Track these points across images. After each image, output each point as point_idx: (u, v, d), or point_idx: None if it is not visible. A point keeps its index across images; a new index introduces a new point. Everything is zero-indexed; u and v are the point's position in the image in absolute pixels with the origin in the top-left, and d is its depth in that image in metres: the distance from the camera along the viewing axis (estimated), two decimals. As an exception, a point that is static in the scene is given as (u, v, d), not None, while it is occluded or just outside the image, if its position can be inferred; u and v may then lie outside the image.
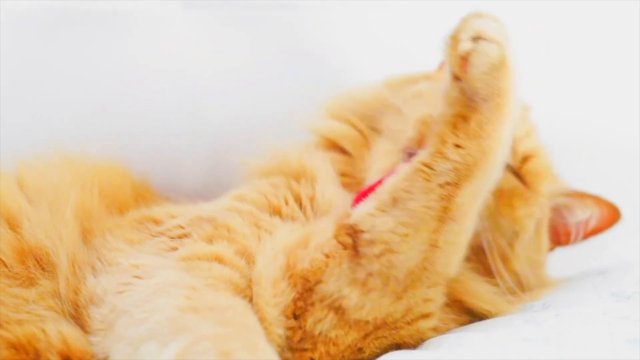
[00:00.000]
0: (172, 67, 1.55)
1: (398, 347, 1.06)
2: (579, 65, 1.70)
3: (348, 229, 1.03)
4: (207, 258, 1.03)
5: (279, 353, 0.99)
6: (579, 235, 1.31)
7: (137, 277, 1.00)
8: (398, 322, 1.04)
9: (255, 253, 1.04)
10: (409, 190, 1.01)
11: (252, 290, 1.00)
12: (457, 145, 1.01)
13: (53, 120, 1.49)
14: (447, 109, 1.04)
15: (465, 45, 1.01)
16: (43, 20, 1.54)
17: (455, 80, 1.03)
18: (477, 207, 1.05)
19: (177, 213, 1.15)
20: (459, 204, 1.01)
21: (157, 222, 1.13)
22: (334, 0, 1.65)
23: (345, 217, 1.04)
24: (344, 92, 1.34)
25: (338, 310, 1.01)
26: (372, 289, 1.01)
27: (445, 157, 1.01)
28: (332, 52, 1.60)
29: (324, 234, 1.04)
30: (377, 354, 1.04)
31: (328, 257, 1.02)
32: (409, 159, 1.05)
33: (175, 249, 1.06)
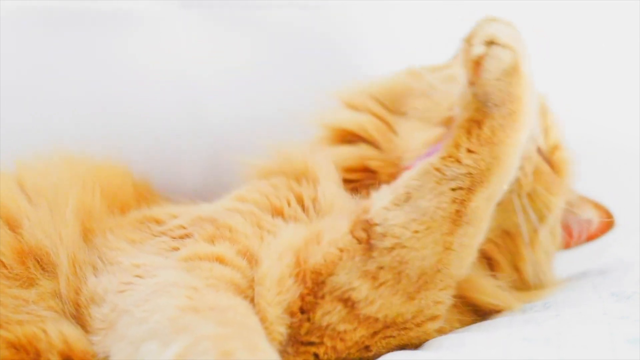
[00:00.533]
0: (172, 67, 1.55)
1: (402, 347, 1.06)
2: (579, 66, 1.71)
3: (364, 224, 1.03)
4: (208, 258, 1.03)
5: (280, 351, 0.99)
6: (581, 239, 1.32)
7: (138, 276, 1.00)
8: (408, 322, 1.04)
9: (258, 253, 1.04)
10: (421, 189, 1.02)
11: (253, 291, 1.00)
12: (470, 150, 1.02)
13: (53, 120, 1.48)
14: (462, 113, 1.04)
15: (478, 50, 1.01)
16: (43, 20, 1.53)
17: (470, 85, 1.03)
18: (491, 210, 1.05)
19: (178, 213, 1.15)
20: (474, 208, 1.02)
21: (158, 222, 1.13)
22: (334, 0, 1.65)
23: (363, 213, 1.04)
24: (355, 82, 1.34)
25: (347, 302, 1.01)
26: (382, 283, 1.01)
27: (459, 161, 1.02)
28: (332, 52, 1.60)
29: (338, 231, 1.04)
30: (382, 354, 1.04)
31: (342, 251, 1.02)
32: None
33: (177, 249, 1.06)
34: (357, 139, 1.27)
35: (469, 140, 1.02)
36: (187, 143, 1.53)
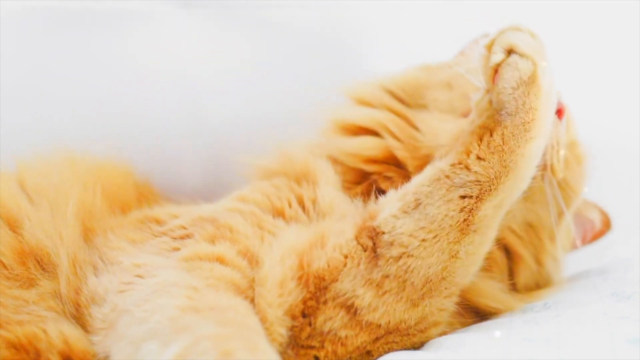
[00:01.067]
0: (172, 67, 1.55)
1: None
2: (579, 66, 1.70)
3: (370, 231, 1.02)
4: (208, 258, 1.03)
5: (281, 352, 0.99)
6: (587, 239, 1.32)
7: (138, 276, 1.00)
8: (411, 329, 1.03)
9: (258, 254, 1.04)
10: (431, 196, 1.01)
11: (253, 291, 1.00)
12: (479, 158, 1.01)
13: (53, 120, 1.48)
14: (475, 119, 1.04)
15: (497, 57, 1.01)
16: (43, 20, 1.53)
17: (487, 92, 1.03)
18: (499, 219, 1.05)
19: (179, 213, 1.15)
20: (481, 217, 1.01)
21: (159, 222, 1.13)
22: (334, 0, 1.65)
23: (370, 218, 1.04)
24: (365, 78, 1.32)
25: (350, 309, 1.01)
26: (387, 292, 1.01)
27: (468, 168, 1.01)
28: (332, 51, 1.60)
29: (342, 235, 1.04)
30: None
31: (346, 257, 1.02)
32: None
33: (177, 249, 1.06)
34: (373, 136, 1.24)
35: (479, 148, 1.01)
36: (187, 143, 1.53)
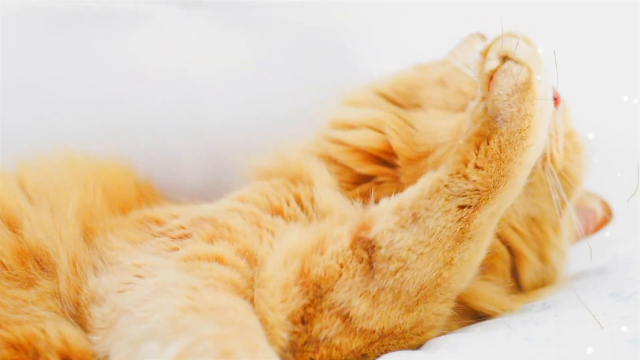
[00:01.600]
0: (172, 67, 1.55)
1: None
2: (579, 66, 1.70)
3: (366, 244, 1.02)
4: (207, 258, 1.03)
5: (281, 355, 0.99)
6: (589, 231, 1.31)
7: (138, 276, 1.00)
8: (406, 333, 1.03)
9: (257, 253, 1.04)
10: (430, 209, 1.01)
11: (253, 291, 1.00)
12: (477, 166, 1.01)
13: (53, 120, 1.49)
14: (471, 127, 1.03)
15: (492, 64, 1.01)
16: (43, 20, 1.53)
17: (482, 99, 1.02)
18: (494, 226, 1.05)
19: (178, 213, 1.15)
20: (477, 225, 1.01)
21: (158, 222, 1.13)
22: (334, 0, 1.65)
23: (363, 228, 1.03)
24: (360, 82, 1.32)
25: (345, 319, 1.01)
26: (382, 302, 1.01)
27: (466, 177, 1.01)
28: (331, 51, 1.60)
29: (340, 242, 1.03)
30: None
31: (342, 266, 1.01)
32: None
33: (177, 249, 1.06)
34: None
35: (477, 156, 1.01)
36: (187, 143, 1.53)
